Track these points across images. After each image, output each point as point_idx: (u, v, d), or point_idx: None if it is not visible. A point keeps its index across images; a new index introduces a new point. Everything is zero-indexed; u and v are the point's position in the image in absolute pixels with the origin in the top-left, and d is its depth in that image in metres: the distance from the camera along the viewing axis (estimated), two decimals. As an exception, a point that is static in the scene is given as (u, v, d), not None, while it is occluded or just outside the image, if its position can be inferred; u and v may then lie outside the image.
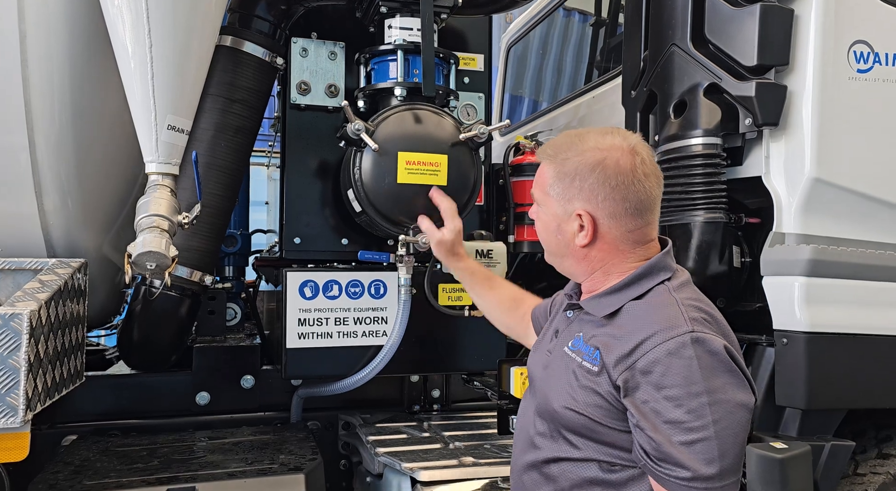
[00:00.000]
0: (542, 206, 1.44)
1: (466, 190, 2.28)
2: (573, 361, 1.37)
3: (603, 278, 1.41)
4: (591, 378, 1.31)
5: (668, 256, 1.41)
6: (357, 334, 2.44)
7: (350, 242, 2.52)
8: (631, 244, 1.39)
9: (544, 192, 1.42)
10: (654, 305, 1.31)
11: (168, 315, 2.37)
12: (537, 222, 1.48)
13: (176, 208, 1.95)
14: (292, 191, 2.49)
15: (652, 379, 1.21)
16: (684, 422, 1.18)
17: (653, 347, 1.22)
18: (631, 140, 1.39)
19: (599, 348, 1.31)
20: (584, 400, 1.31)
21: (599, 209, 1.35)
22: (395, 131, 2.18)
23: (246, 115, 2.39)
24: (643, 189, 1.35)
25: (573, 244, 1.40)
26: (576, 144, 1.39)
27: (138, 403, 2.55)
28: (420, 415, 2.76)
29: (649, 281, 1.35)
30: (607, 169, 1.34)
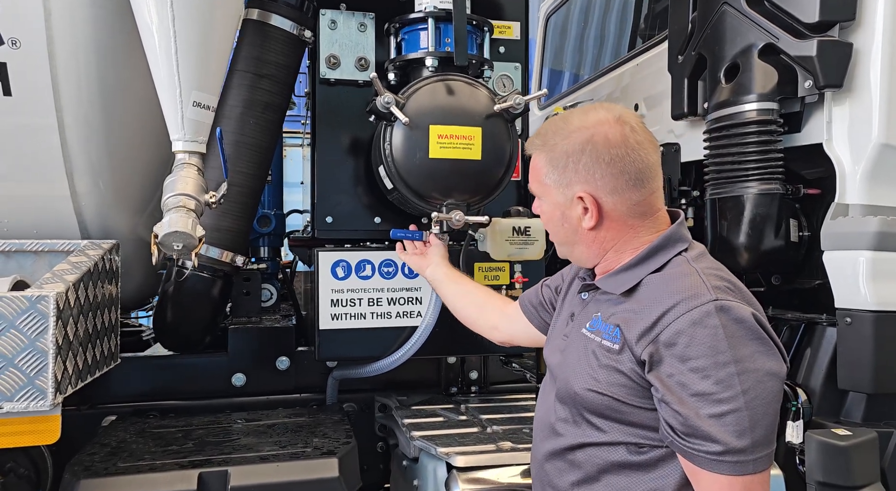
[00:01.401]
0: (542, 197, 1.42)
1: (502, 164, 2.17)
2: (592, 341, 1.32)
3: (616, 257, 1.36)
4: (612, 357, 1.26)
5: (683, 226, 1.36)
6: (391, 315, 2.38)
7: (383, 221, 2.45)
8: (639, 217, 1.34)
9: (541, 183, 1.39)
10: (673, 276, 1.26)
11: (200, 296, 2.34)
12: (542, 216, 1.45)
13: (203, 187, 1.90)
14: (323, 169, 2.43)
15: (676, 351, 1.16)
16: (712, 393, 1.12)
17: (675, 317, 1.17)
18: (615, 111, 1.34)
19: (619, 325, 1.26)
20: (607, 380, 1.26)
21: (599, 188, 1.31)
22: (427, 104, 2.09)
23: (275, 91, 2.32)
24: (639, 158, 1.30)
25: (581, 229, 1.35)
26: (561, 128, 1.36)
27: (175, 384, 2.55)
28: (457, 397, 2.69)
29: (666, 253, 1.30)
30: (597, 145, 1.30)
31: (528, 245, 2.34)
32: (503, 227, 2.30)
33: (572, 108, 1.41)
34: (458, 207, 2.11)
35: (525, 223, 2.33)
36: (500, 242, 2.30)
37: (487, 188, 2.18)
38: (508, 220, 2.33)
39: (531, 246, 2.34)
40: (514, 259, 2.37)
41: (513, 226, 2.32)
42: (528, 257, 2.35)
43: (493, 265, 2.43)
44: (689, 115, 2.47)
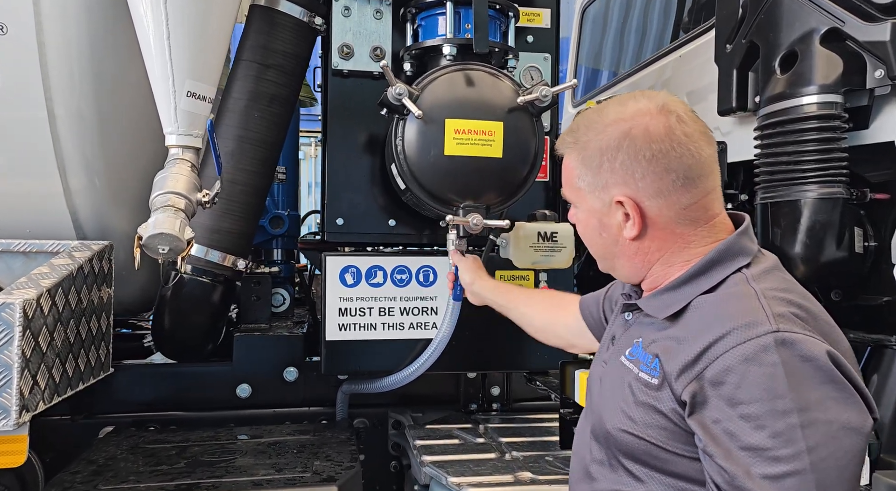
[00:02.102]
0: (577, 203, 1.20)
1: (526, 163, 1.97)
2: (629, 372, 1.11)
3: (663, 272, 1.13)
4: (649, 393, 1.04)
5: (745, 236, 1.11)
6: (403, 326, 2.19)
7: (398, 224, 2.26)
8: (690, 224, 1.10)
9: (574, 187, 1.18)
10: (727, 298, 1.03)
11: (199, 302, 2.19)
12: (577, 226, 1.23)
13: (196, 185, 1.74)
14: (335, 167, 2.25)
15: (724, 392, 0.94)
16: (767, 449, 0.90)
17: (724, 350, 0.95)
18: (658, 99, 1.11)
19: (659, 356, 1.04)
20: (643, 420, 1.05)
21: (640, 190, 1.09)
22: (443, 95, 1.90)
23: (282, 83, 2.16)
24: (688, 152, 1.07)
25: (621, 239, 1.14)
26: (595, 122, 1.14)
27: (178, 394, 2.41)
28: (477, 415, 2.49)
29: (722, 269, 1.07)
30: (636, 139, 1.07)
31: (555, 252, 2.12)
32: (528, 233, 2.09)
33: (608, 99, 1.18)
34: (477, 210, 1.91)
35: (552, 228, 2.12)
36: (524, 249, 2.09)
37: (509, 189, 1.98)
38: (533, 225, 2.12)
39: (558, 253, 2.12)
40: (540, 267, 2.16)
41: (538, 231, 2.11)
42: (555, 265, 2.14)
43: (516, 273, 2.23)
44: (737, 109, 2.22)
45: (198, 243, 2.11)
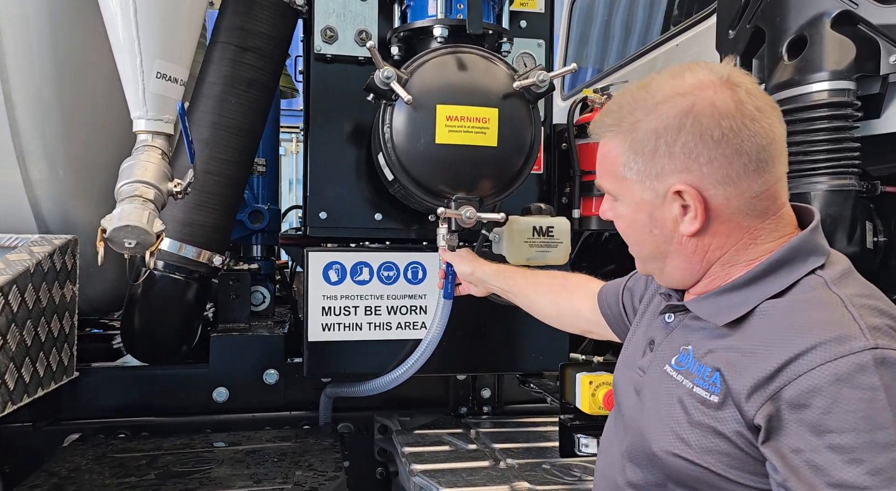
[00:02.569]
0: (619, 196, 1.04)
1: (521, 152, 1.85)
2: (680, 386, 0.97)
3: (723, 273, 1.00)
4: (709, 412, 0.91)
5: (818, 232, 0.98)
6: (391, 326, 2.07)
7: (385, 217, 2.14)
8: (758, 216, 0.96)
9: (617, 177, 1.02)
10: (806, 304, 0.89)
11: (171, 301, 2.05)
12: (618, 223, 1.08)
13: (167, 174, 1.61)
14: (318, 157, 2.12)
15: (808, 417, 0.80)
16: (865, 487, 0.76)
17: (809, 367, 0.81)
18: (720, 69, 0.97)
19: (721, 369, 0.90)
20: (700, 444, 0.91)
21: (705, 177, 0.94)
22: (434, 79, 1.77)
23: (260, 67, 2.02)
24: (761, 131, 0.93)
25: (677, 235, 0.99)
26: (643, 99, 0.99)
27: (150, 398, 2.27)
28: (467, 419, 2.38)
29: (793, 270, 0.93)
30: (701, 116, 0.93)
31: (551, 248, 2.01)
32: (522, 227, 1.98)
33: (653, 74, 1.04)
34: (470, 203, 1.79)
35: (547, 222, 2.01)
36: (518, 244, 1.98)
37: (504, 181, 1.86)
38: (528, 219, 2.00)
39: (554, 249, 2.01)
40: (534, 263, 2.04)
41: (533, 225, 1.99)
42: (551, 262, 2.02)
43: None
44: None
45: (170, 238, 1.97)
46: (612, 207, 1.07)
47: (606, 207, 1.10)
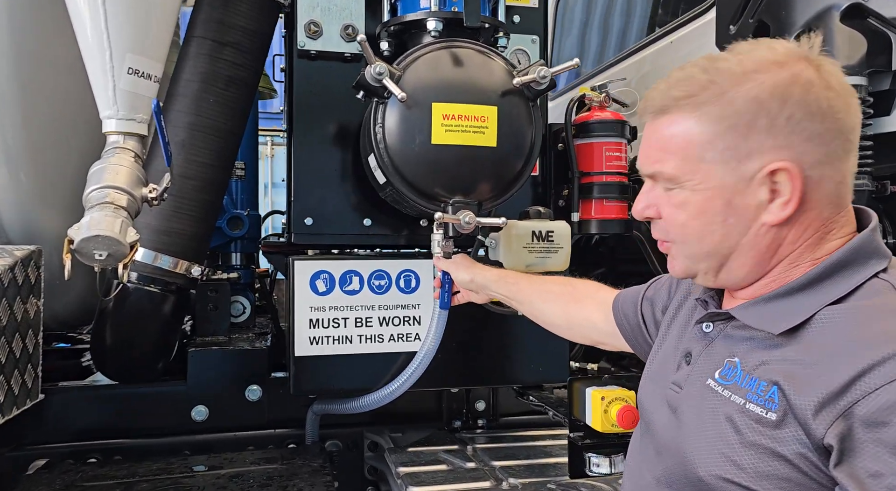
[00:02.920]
0: (685, 184, 0.91)
1: (521, 154, 1.75)
2: (728, 402, 0.87)
3: (784, 274, 0.90)
4: (765, 431, 0.81)
5: (877, 233, 0.89)
6: (383, 338, 1.95)
7: (374, 223, 2.02)
8: (837, 205, 0.88)
9: (690, 160, 0.89)
10: (873, 311, 0.80)
11: (146, 316, 1.90)
12: (676, 215, 0.93)
13: (141, 179, 1.48)
14: (302, 160, 1.99)
15: (888, 436, 0.71)
16: None
17: (885, 381, 0.73)
18: (798, 47, 0.88)
19: (779, 383, 0.81)
20: (755, 467, 0.81)
21: (805, 155, 0.84)
22: (429, 76, 1.66)
23: (240, 63, 1.90)
24: (853, 110, 0.86)
25: (756, 226, 0.88)
26: (725, 69, 0.87)
27: (123, 419, 2.11)
28: (462, 433, 2.27)
29: (853, 274, 0.84)
30: (809, 85, 0.83)
31: (551, 254, 1.91)
32: (521, 232, 1.87)
33: (730, 47, 0.92)
34: (468, 207, 1.68)
35: (547, 227, 1.91)
36: (516, 250, 1.88)
37: (503, 183, 1.76)
38: (527, 223, 1.90)
39: (554, 255, 1.91)
40: (534, 270, 1.94)
41: (532, 230, 1.89)
42: (551, 268, 1.92)
43: (507, 275, 2.00)
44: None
45: (144, 247, 1.83)
46: (666, 199, 0.93)
47: (651, 200, 0.96)
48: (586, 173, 2.07)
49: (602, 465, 1.53)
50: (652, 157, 0.94)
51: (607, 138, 2.06)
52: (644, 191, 0.98)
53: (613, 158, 2.06)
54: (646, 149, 0.95)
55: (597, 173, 2.06)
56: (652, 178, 0.96)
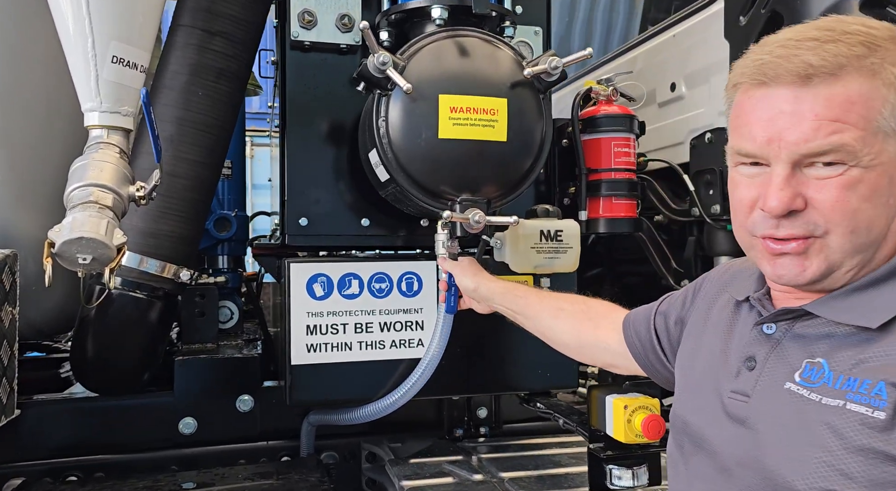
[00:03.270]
0: (862, 158, 0.81)
1: (531, 150, 1.66)
2: (820, 406, 0.79)
3: (875, 259, 0.84)
4: (874, 435, 0.74)
5: None
6: (384, 345, 1.85)
7: (373, 224, 1.92)
8: None
9: (871, 131, 0.80)
10: None
11: (132, 323, 1.78)
12: (841, 198, 0.81)
13: (127, 176, 1.36)
14: (296, 157, 1.89)
15: None
16: None
17: None
18: None
19: (887, 380, 0.74)
20: (868, 474, 0.73)
21: None
22: (435, 66, 1.57)
23: (231, 54, 1.78)
24: None
25: None
26: (879, 34, 0.81)
27: (105, 433, 1.98)
28: (464, 442, 2.17)
29: None
30: None
31: (560, 254, 1.83)
32: (528, 231, 1.79)
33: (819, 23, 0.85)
34: (477, 205, 1.59)
35: (556, 226, 1.83)
36: (523, 251, 1.80)
37: (513, 181, 1.68)
38: (534, 222, 1.82)
39: (563, 255, 1.83)
40: (542, 272, 1.86)
41: (540, 229, 1.81)
42: (559, 269, 1.85)
43: (514, 279, 1.91)
44: (754, 91, 1.98)
45: (130, 250, 1.70)
46: (824, 184, 0.81)
47: (798, 188, 0.82)
48: (594, 170, 2.00)
49: (624, 477, 1.45)
50: (824, 130, 0.80)
51: (615, 133, 1.98)
52: (782, 177, 0.82)
53: (622, 154, 1.99)
54: (804, 120, 0.81)
55: (605, 170, 1.98)
56: (807, 158, 0.82)
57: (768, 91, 0.85)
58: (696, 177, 2.16)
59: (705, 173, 2.14)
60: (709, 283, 1.18)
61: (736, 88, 0.92)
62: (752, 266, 1.05)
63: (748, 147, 0.87)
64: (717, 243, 2.15)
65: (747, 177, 0.90)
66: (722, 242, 2.14)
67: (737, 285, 1.06)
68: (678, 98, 2.43)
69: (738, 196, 0.91)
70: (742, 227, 0.92)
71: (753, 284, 1.00)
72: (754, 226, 0.89)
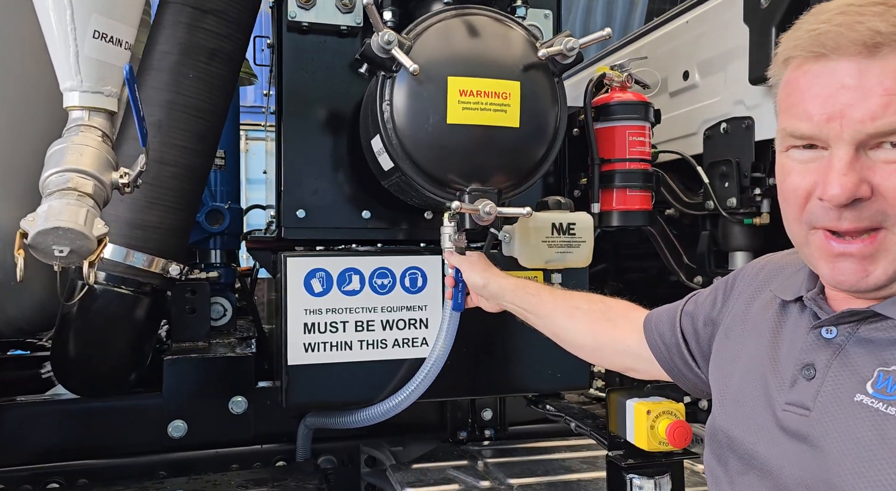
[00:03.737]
0: None
1: (545, 136, 1.56)
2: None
3: None
4: None
5: None
6: (386, 344, 1.75)
7: (374, 216, 1.82)
8: None
9: None
10: None
11: (117, 321, 1.67)
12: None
13: (110, 162, 1.25)
14: (293, 145, 1.78)
15: None
16: None
17: None
18: None
19: None
20: None
21: None
22: (444, 46, 1.47)
23: (223, 34, 1.67)
24: None
25: None
26: None
27: (90, 436, 1.88)
28: (468, 445, 2.07)
29: None
30: None
31: (572, 248, 1.73)
32: (539, 224, 1.69)
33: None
34: (487, 196, 1.49)
35: (568, 218, 1.73)
36: (534, 245, 1.70)
37: (524, 170, 1.57)
38: (546, 215, 1.72)
39: (576, 249, 1.74)
40: (553, 267, 1.77)
41: (552, 222, 1.71)
42: (572, 264, 1.75)
43: (524, 275, 1.81)
44: (776, 77, 1.88)
45: (115, 243, 1.60)
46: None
47: (864, 174, 0.74)
48: (607, 160, 1.90)
49: (646, 487, 1.35)
50: (894, 106, 0.72)
51: (630, 122, 1.88)
52: (845, 161, 0.74)
53: (637, 143, 1.89)
54: (871, 95, 0.72)
55: (619, 160, 1.88)
56: (874, 139, 0.74)
57: (828, 64, 0.76)
58: (711, 168, 2.08)
59: (721, 165, 2.05)
60: (743, 280, 1.08)
61: (787, 64, 0.82)
62: (796, 261, 0.96)
63: (803, 127, 0.78)
64: (734, 238, 2.07)
65: (800, 162, 0.80)
66: (738, 237, 2.06)
67: (781, 283, 0.96)
68: (691, 87, 2.33)
69: (791, 184, 0.82)
70: (795, 220, 0.82)
71: (804, 281, 0.90)
72: (812, 217, 0.79)
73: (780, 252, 1.06)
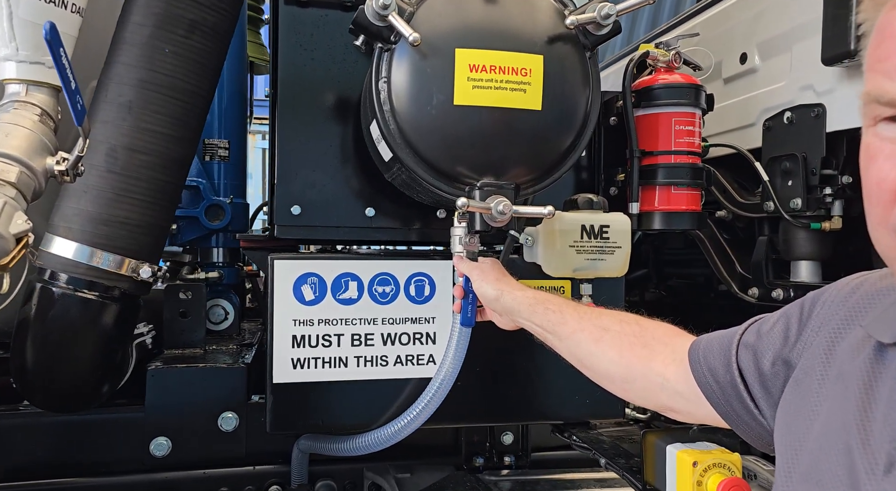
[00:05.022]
0: None
1: (573, 122, 1.31)
2: None
3: None
4: None
5: None
6: (388, 361, 1.53)
7: (379, 214, 1.60)
8: None
9: None
10: None
11: (80, 328, 1.47)
12: None
13: (47, 146, 1.06)
14: (289, 134, 1.58)
15: None
16: None
17: None
18: None
19: None
20: None
21: None
22: (451, 12, 1.23)
23: (206, 3, 1.46)
24: None
25: None
26: None
27: (65, 453, 1.72)
28: (485, 474, 1.84)
29: None
30: None
31: (606, 255, 1.48)
32: (567, 226, 1.45)
33: None
34: (502, 192, 1.25)
35: (601, 220, 1.48)
36: (561, 250, 1.45)
37: (547, 162, 1.33)
38: (575, 215, 1.47)
39: (610, 256, 1.49)
40: (583, 276, 1.51)
41: (582, 224, 1.46)
42: (605, 273, 1.50)
43: (546, 284, 1.57)
44: (854, 55, 1.59)
45: (77, 241, 1.41)
46: None
47: None
48: (649, 153, 1.63)
49: (689, 557, 1.10)
50: None
51: (677, 108, 1.62)
52: None
53: (684, 133, 1.62)
54: None
55: (663, 153, 1.62)
56: None
57: None
58: (771, 164, 1.81)
59: (783, 160, 1.78)
60: (824, 307, 0.81)
61: (880, 7, 0.57)
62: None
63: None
64: (797, 245, 1.79)
65: (893, 142, 0.56)
66: (803, 244, 1.78)
67: (877, 317, 0.70)
68: (749, 71, 2.05)
69: (876, 174, 0.58)
70: (881, 224, 0.58)
71: None
72: None
73: (880, 271, 0.80)
